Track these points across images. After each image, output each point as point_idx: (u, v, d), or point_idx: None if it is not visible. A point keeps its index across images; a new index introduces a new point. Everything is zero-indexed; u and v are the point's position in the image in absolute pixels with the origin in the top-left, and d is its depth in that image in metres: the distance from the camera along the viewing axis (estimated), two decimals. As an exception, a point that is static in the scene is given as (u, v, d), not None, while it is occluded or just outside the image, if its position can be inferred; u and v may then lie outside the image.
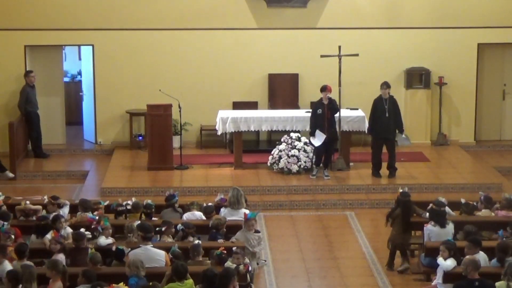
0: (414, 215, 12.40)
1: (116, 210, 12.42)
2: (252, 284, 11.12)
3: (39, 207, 12.32)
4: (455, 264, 10.56)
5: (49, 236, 11.08)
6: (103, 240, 11.09)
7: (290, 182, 15.97)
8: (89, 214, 12.01)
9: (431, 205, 12.09)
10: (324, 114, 15.80)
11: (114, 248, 10.75)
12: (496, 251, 10.68)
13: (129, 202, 12.55)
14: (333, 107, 15.85)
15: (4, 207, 12.17)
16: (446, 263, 10.59)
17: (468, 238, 10.91)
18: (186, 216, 12.38)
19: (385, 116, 15.83)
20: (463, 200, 12.70)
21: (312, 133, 15.96)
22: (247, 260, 10.90)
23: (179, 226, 11.51)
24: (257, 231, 12.00)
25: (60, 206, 12.38)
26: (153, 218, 12.17)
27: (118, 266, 10.60)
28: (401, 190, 12.56)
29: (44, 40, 18.22)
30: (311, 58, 18.19)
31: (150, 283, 9.49)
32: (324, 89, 15.88)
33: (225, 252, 10.61)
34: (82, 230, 11.05)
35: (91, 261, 10.22)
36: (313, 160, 16.25)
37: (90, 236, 11.20)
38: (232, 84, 18.54)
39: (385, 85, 15.94)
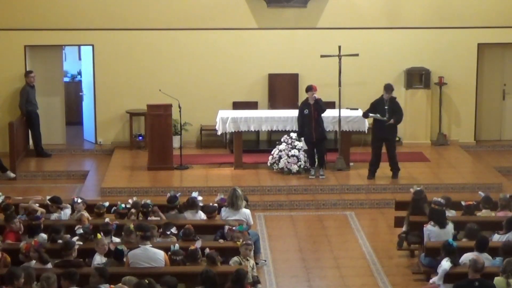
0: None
1: (120, 213, 12.38)
2: (258, 285, 11.15)
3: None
4: (450, 265, 10.54)
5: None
6: (99, 258, 10.68)
7: (290, 182, 15.96)
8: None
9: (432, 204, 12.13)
10: (311, 114, 15.79)
11: (113, 247, 10.74)
12: (500, 252, 10.66)
13: (128, 203, 12.51)
14: (320, 107, 15.84)
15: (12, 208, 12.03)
16: (444, 265, 10.57)
17: (477, 239, 10.94)
18: (187, 215, 12.37)
19: (386, 117, 15.73)
20: (463, 203, 12.69)
21: (300, 134, 15.99)
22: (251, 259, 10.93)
23: (180, 234, 11.44)
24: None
25: (62, 208, 12.37)
26: (152, 218, 12.14)
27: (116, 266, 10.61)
28: (414, 189, 12.67)
29: (44, 40, 18.22)
30: (311, 58, 18.19)
31: (147, 280, 9.48)
32: (310, 89, 15.84)
33: (215, 251, 10.59)
34: (74, 240, 10.90)
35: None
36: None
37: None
38: (232, 84, 18.54)
39: (390, 90, 15.78)
